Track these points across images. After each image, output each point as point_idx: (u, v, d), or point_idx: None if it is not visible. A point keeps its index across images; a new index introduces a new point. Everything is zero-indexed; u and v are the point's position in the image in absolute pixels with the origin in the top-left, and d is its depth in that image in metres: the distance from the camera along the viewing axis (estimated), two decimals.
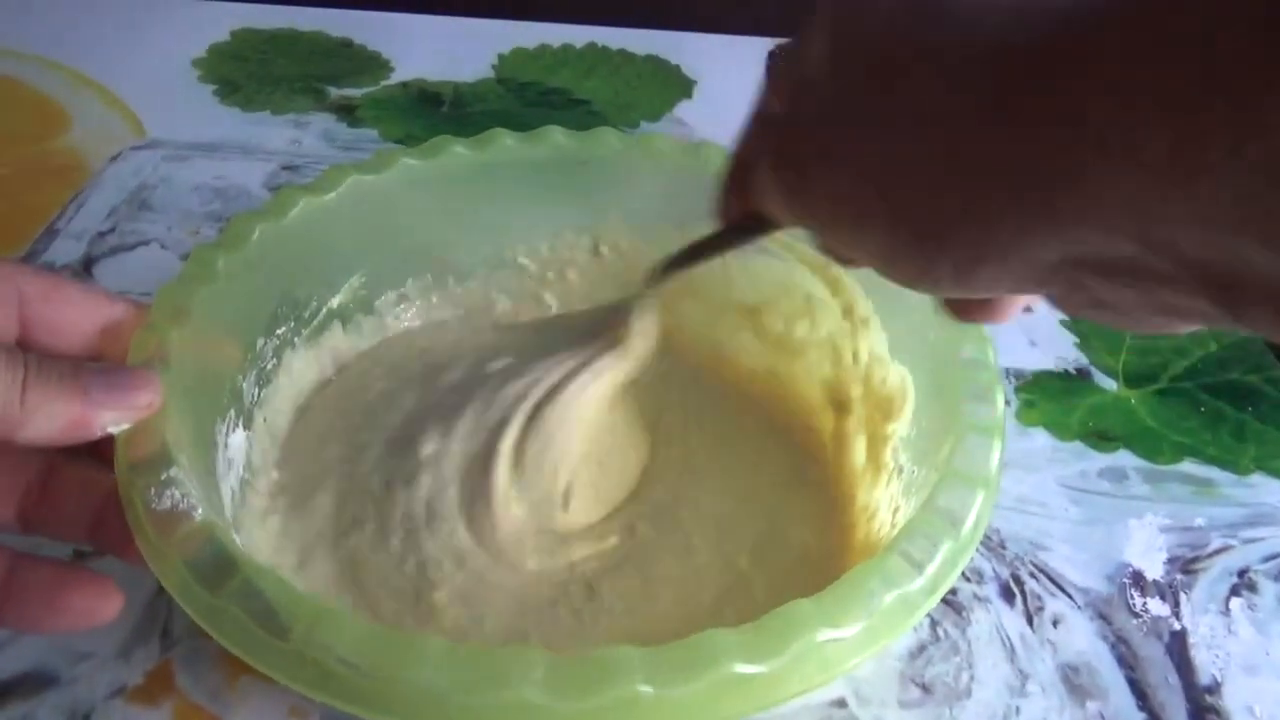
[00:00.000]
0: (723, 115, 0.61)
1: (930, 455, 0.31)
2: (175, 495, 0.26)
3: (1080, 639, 0.35)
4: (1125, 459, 0.41)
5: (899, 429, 0.35)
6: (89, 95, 0.60)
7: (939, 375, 0.32)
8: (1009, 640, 0.35)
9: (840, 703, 0.32)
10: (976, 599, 0.36)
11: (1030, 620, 0.35)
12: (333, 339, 0.40)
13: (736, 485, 0.37)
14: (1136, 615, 0.36)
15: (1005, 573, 0.37)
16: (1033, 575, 0.37)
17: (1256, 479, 0.41)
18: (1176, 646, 0.35)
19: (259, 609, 0.24)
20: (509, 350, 0.38)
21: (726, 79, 0.64)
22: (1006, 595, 0.36)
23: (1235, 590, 0.37)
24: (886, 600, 0.25)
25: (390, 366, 0.41)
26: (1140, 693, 0.33)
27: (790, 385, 0.40)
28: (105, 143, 0.56)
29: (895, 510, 0.33)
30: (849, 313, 0.38)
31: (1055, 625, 0.35)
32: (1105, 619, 0.35)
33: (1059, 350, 0.46)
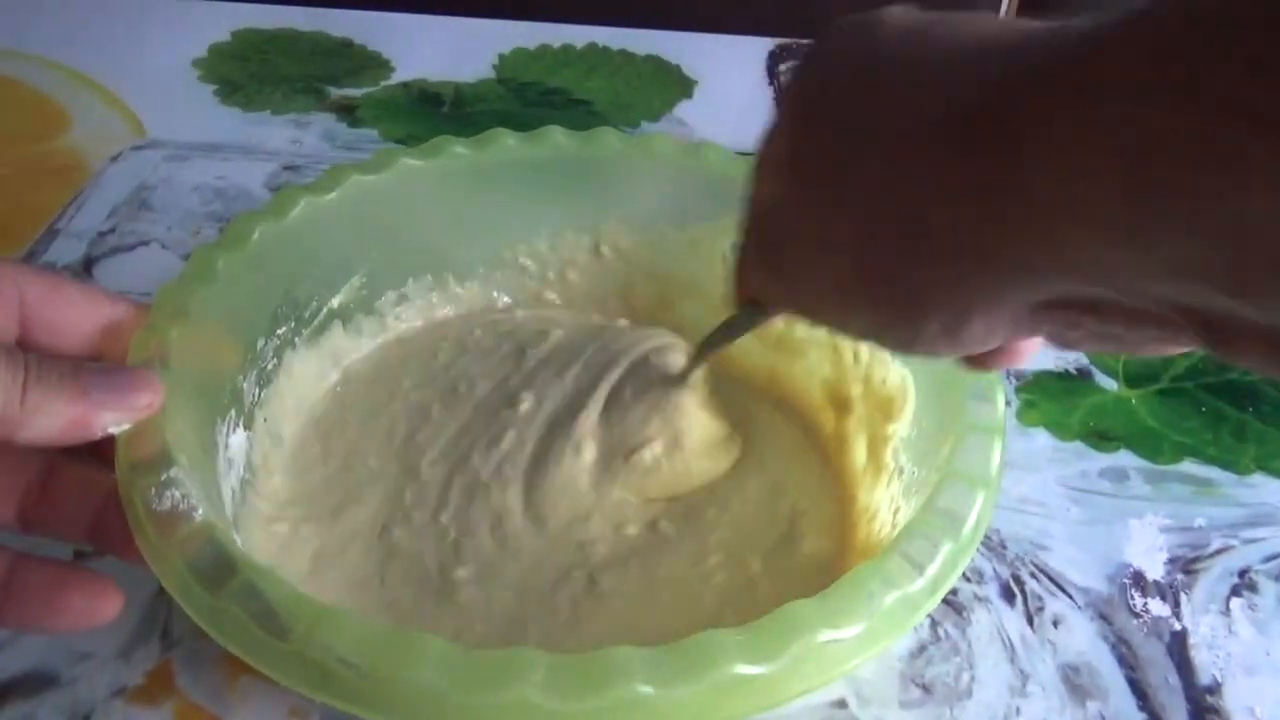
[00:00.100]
0: (723, 115, 0.62)
1: (931, 456, 0.31)
2: (175, 495, 0.26)
3: (1081, 639, 0.35)
4: (1126, 459, 0.41)
5: (899, 429, 0.35)
6: (89, 95, 0.60)
7: (939, 375, 0.32)
8: (1009, 640, 0.35)
9: (841, 703, 0.32)
10: (977, 599, 0.36)
11: (1031, 620, 0.35)
12: (333, 339, 0.40)
13: (766, 485, 0.37)
14: (1137, 615, 0.36)
15: (1006, 573, 0.37)
16: (1033, 575, 0.37)
17: (1257, 479, 0.41)
18: (1177, 647, 0.35)
19: (259, 609, 0.24)
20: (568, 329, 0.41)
21: (726, 79, 0.64)
22: (1007, 595, 0.36)
23: (1236, 590, 0.36)
24: (887, 601, 0.25)
25: (395, 369, 0.41)
26: (1141, 693, 0.33)
27: (791, 385, 0.40)
28: (105, 143, 0.56)
29: (896, 511, 0.33)
30: None
31: (1056, 625, 0.35)
32: (1106, 619, 0.35)
33: (1059, 350, 0.46)
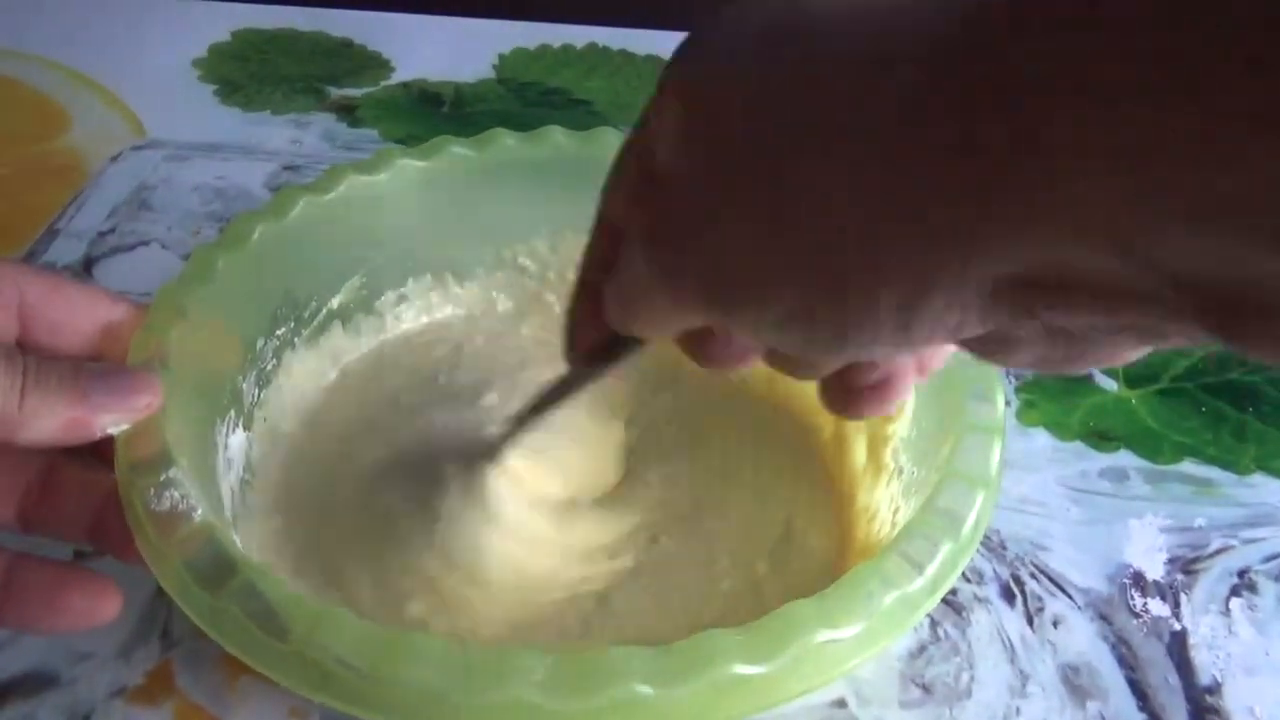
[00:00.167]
0: None
1: (930, 456, 0.31)
2: (175, 496, 0.26)
3: (1081, 639, 0.35)
4: (1126, 459, 0.41)
5: (899, 429, 0.34)
6: (89, 95, 0.60)
7: (939, 375, 0.32)
8: (1009, 641, 0.35)
9: (840, 703, 0.32)
10: (977, 599, 0.36)
11: (1030, 621, 0.35)
12: (333, 339, 0.40)
13: (753, 487, 0.37)
14: (1137, 616, 0.36)
15: (1005, 573, 0.37)
16: (1033, 576, 0.37)
17: (1257, 479, 0.41)
18: (1177, 647, 0.35)
19: (259, 610, 0.24)
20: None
21: None
22: (1007, 596, 0.36)
23: (1235, 590, 0.36)
24: (886, 601, 0.25)
25: (395, 369, 0.41)
26: (1141, 693, 0.33)
27: (791, 385, 0.40)
28: (105, 143, 0.56)
29: (895, 511, 0.33)
30: None
31: (1055, 626, 0.35)
32: (1106, 619, 0.35)
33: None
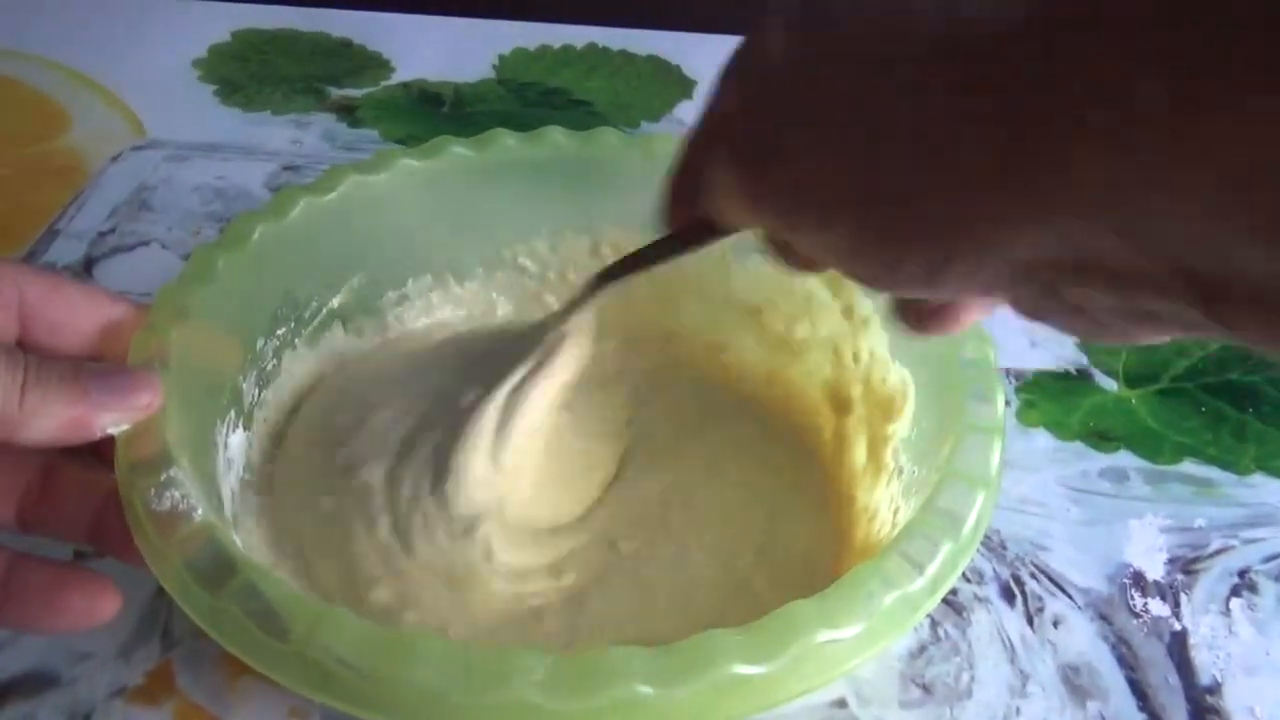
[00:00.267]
0: None
1: (930, 456, 0.31)
2: (175, 496, 0.26)
3: (1081, 639, 0.35)
4: (1126, 459, 0.41)
5: (899, 429, 0.34)
6: (89, 95, 0.60)
7: (939, 375, 0.32)
8: (1009, 641, 0.35)
9: (841, 703, 0.32)
10: (977, 599, 0.36)
11: (1031, 621, 0.35)
12: (333, 339, 0.40)
13: (739, 485, 0.37)
14: (1137, 616, 0.36)
15: (1006, 573, 0.37)
16: (1033, 576, 0.37)
17: (1257, 479, 0.41)
18: (1177, 647, 0.35)
19: (259, 610, 0.24)
20: (472, 370, 0.38)
21: None
22: (1007, 596, 0.36)
23: (1236, 591, 0.36)
24: (887, 601, 0.25)
25: (397, 367, 0.41)
26: (1141, 693, 0.33)
27: (790, 385, 0.40)
28: (105, 143, 0.56)
29: (895, 511, 0.33)
30: (849, 313, 0.38)
31: (1056, 626, 0.35)
32: (1106, 619, 0.35)
33: (1059, 350, 0.46)
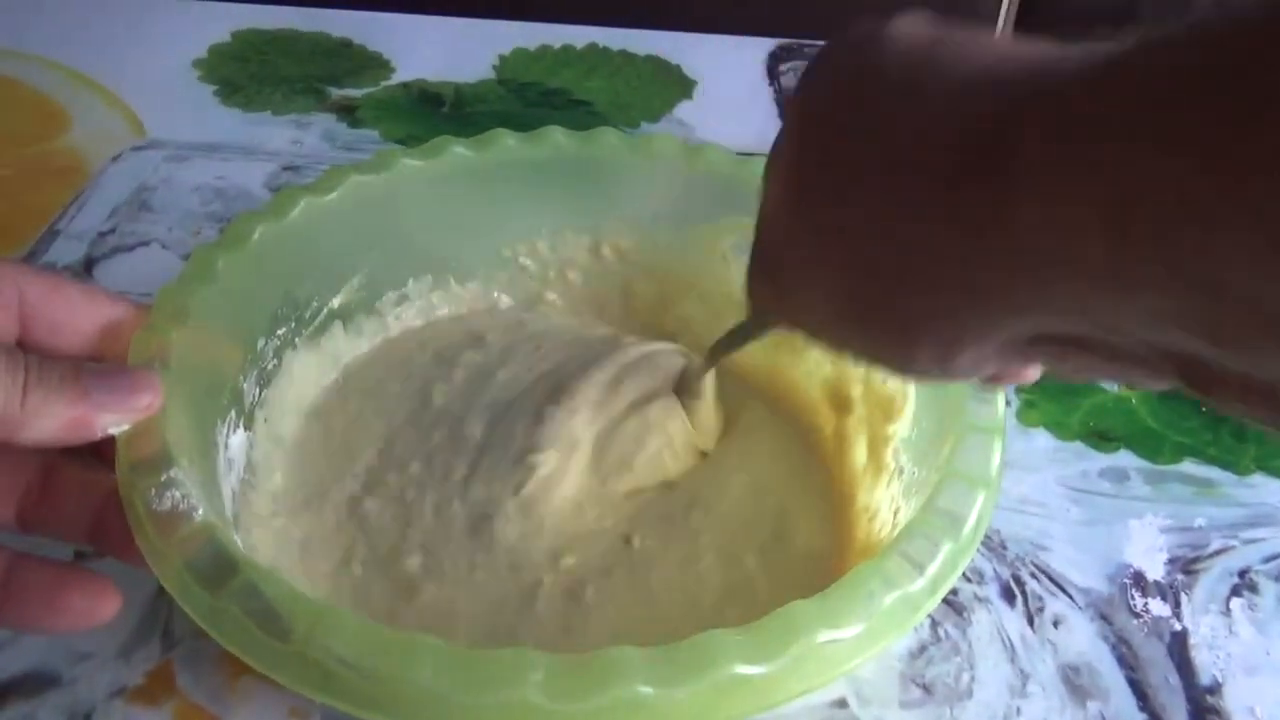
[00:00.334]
0: (723, 116, 0.62)
1: (931, 456, 0.31)
2: (175, 496, 0.26)
3: (1081, 639, 0.35)
4: (1126, 459, 0.41)
5: (900, 429, 0.35)
6: (89, 95, 0.60)
7: None
8: (1010, 641, 0.35)
9: (841, 703, 0.32)
10: (977, 599, 0.36)
11: (1031, 621, 0.35)
12: (334, 339, 0.40)
13: (747, 485, 0.37)
14: (1137, 616, 0.36)
15: (1006, 573, 0.37)
16: (1033, 575, 0.37)
17: (1257, 479, 0.41)
18: (1177, 647, 0.35)
19: (259, 610, 0.24)
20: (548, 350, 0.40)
21: (726, 79, 0.64)
22: (1007, 596, 0.36)
23: (1236, 591, 0.36)
24: (887, 601, 0.25)
25: (398, 363, 0.41)
26: (1141, 693, 0.33)
27: (791, 385, 0.40)
28: (106, 143, 0.56)
29: (896, 511, 0.33)
30: None
31: (1056, 626, 0.35)
32: (1106, 619, 0.35)
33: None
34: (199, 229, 0.50)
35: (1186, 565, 0.37)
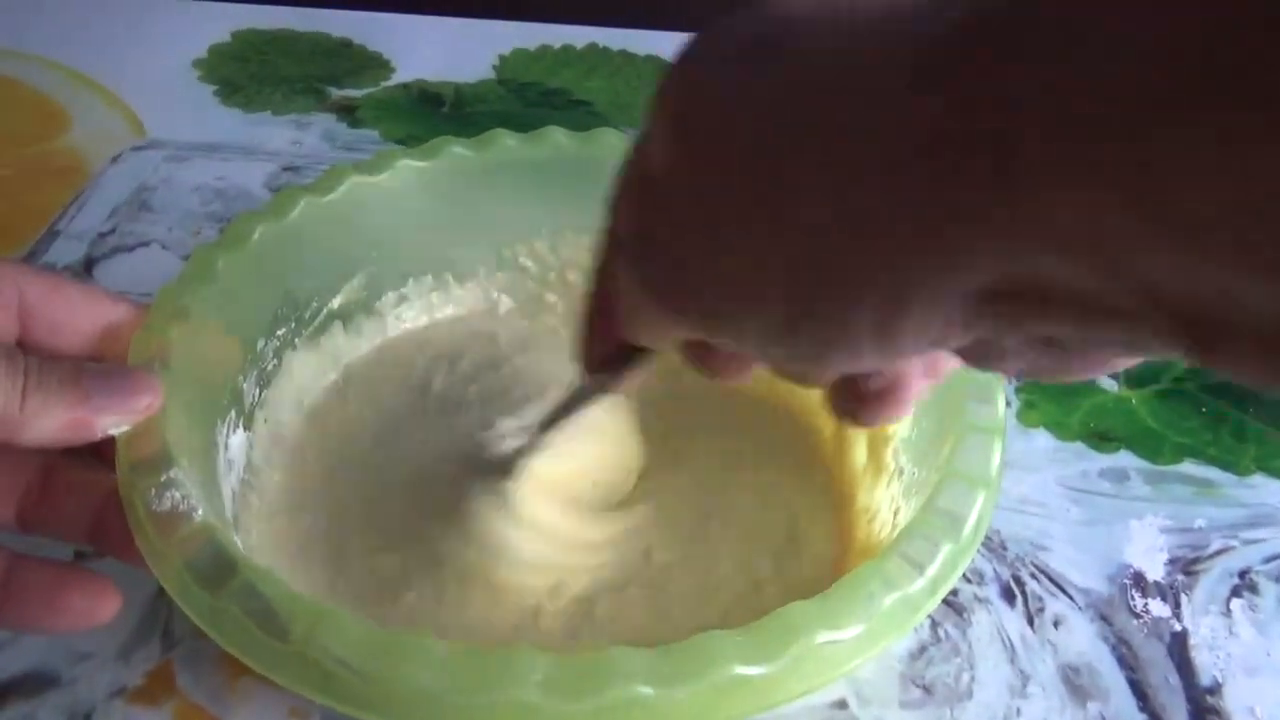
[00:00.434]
0: None
1: (931, 456, 0.31)
2: (175, 496, 0.26)
3: (1081, 640, 0.35)
4: (1126, 460, 0.41)
5: (899, 429, 0.34)
6: (89, 95, 0.60)
7: None
8: (1010, 641, 0.35)
9: (841, 704, 0.32)
10: (977, 600, 0.36)
11: (1031, 621, 0.35)
12: (334, 340, 0.40)
13: (756, 490, 0.37)
14: (1137, 616, 0.36)
15: (1006, 573, 0.37)
16: (1033, 576, 0.37)
17: (1257, 480, 0.41)
18: (1177, 647, 0.35)
19: (259, 610, 0.24)
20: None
21: None
22: (1007, 596, 0.36)
23: (1236, 591, 0.36)
24: (887, 602, 0.25)
25: (398, 363, 0.41)
26: (1141, 694, 0.33)
27: (792, 386, 0.40)
28: (106, 143, 0.56)
29: (896, 511, 0.33)
30: None
31: (1056, 626, 0.35)
32: (1106, 620, 0.35)
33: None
34: (199, 229, 0.51)
35: (1187, 566, 0.37)
